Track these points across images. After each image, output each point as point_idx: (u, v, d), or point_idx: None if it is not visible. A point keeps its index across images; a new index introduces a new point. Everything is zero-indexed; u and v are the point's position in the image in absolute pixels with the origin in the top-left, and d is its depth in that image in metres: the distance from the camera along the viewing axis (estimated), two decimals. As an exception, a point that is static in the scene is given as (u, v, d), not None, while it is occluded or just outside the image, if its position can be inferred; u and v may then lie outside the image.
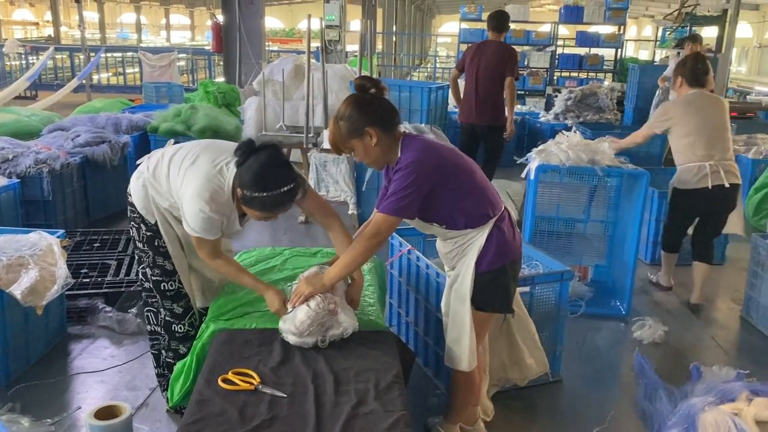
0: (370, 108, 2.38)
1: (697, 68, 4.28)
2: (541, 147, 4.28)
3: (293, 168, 2.41)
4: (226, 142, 2.66)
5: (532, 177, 4.16)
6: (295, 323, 2.33)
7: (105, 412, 2.37)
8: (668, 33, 12.21)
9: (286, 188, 2.32)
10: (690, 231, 4.48)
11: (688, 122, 4.18)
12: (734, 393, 2.78)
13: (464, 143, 5.98)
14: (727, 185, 4.10)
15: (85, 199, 5.63)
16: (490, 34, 5.99)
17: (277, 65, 8.00)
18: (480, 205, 2.46)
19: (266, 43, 11.74)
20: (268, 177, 2.32)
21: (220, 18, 10.08)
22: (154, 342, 2.96)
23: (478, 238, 2.46)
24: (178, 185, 2.51)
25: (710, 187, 4.10)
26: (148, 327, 2.96)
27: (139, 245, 2.79)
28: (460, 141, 6.13)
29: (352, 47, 14.50)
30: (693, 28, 11.11)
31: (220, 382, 2.10)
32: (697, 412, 2.61)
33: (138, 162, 2.78)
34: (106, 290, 3.97)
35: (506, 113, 5.89)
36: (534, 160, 4.20)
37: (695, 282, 4.41)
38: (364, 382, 2.14)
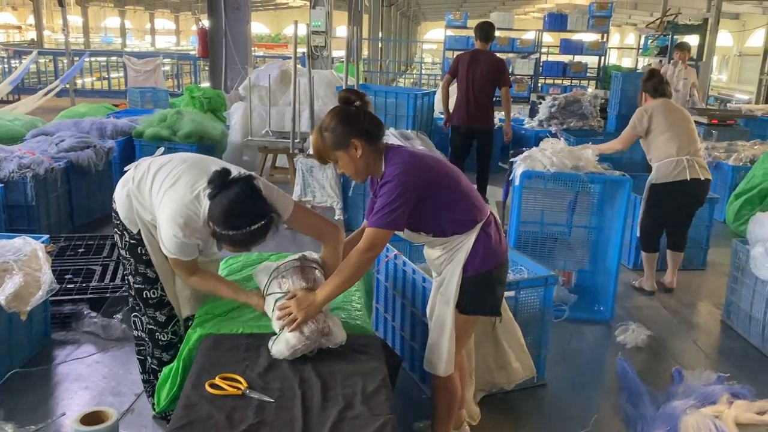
0: (355, 120, 2.38)
1: (656, 81, 4.66)
2: (526, 153, 4.33)
3: (267, 202, 2.34)
4: (212, 161, 2.62)
5: (517, 183, 4.21)
6: (287, 347, 2.29)
7: (91, 418, 2.37)
8: (650, 41, 12.34)
9: (255, 227, 2.26)
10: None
11: (666, 120, 4.50)
12: (715, 396, 2.84)
13: (458, 145, 6.37)
14: (702, 178, 4.44)
15: (69, 204, 5.59)
16: (478, 43, 6.33)
17: (263, 71, 8.01)
18: (466, 211, 2.47)
19: (252, 49, 11.72)
20: (236, 215, 2.27)
21: (206, 23, 10.06)
22: (141, 348, 2.94)
23: (466, 242, 2.47)
24: (157, 205, 2.50)
25: (689, 179, 4.39)
26: (135, 332, 2.95)
27: (122, 252, 2.77)
28: (452, 143, 6.41)
29: (338, 53, 14.53)
30: (675, 37, 11.25)
31: (207, 387, 2.10)
32: (678, 415, 2.66)
33: (125, 169, 2.77)
34: (91, 296, 3.95)
35: (504, 118, 6.56)
36: (519, 166, 4.24)
37: (669, 266, 4.82)
38: (351, 386, 2.15)
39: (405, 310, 3.43)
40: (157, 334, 2.81)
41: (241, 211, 2.28)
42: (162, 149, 3.02)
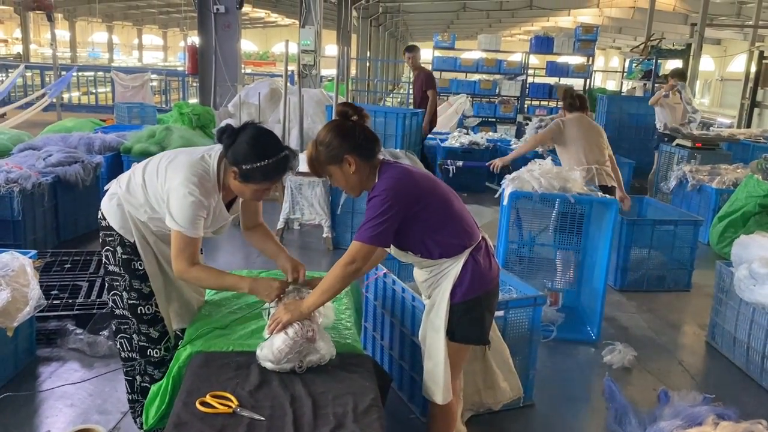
0: (350, 135, 2.36)
1: (573, 98, 5.09)
2: (514, 174, 4.37)
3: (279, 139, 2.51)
4: (198, 147, 2.72)
5: (505, 203, 4.25)
6: (272, 351, 2.30)
7: (78, 436, 2.35)
8: (635, 65, 12.56)
9: (283, 154, 2.42)
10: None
11: (579, 132, 4.86)
12: (701, 417, 2.86)
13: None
14: (609, 185, 4.81)
15: (56, 219, 5.55)
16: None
17: (253, 88, 8.05)
18: (455, 235, 2.44)
19: (241, 66, 11.75)
20: (263, 145, 2.40)
21: (196, 40, 10.10)
22: (129, 369, 2.89)
23: (453, 268, 2.44)
24: (162, 184, 2.49)
25: (597, 185, 4.71)
26: (123, 354, 2.87)
27: (114, 269, 2.74)
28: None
29: (327, 72, 14.62)
30: (659, 61, 11.45)
31: (198, 405, 2.09)
32: (666, 436, 2.68)
33: (106, 187, 2.77)
34: (77, 312, 3.91)
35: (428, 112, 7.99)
36: (508, 186, 4.28)
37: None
38: (342, 405, 2.15)
39: (394, 329, 3.43)
40: (150, 350, 2.78)
41: (267, 142, 2.42)
42: (136, 163, 3.03)
